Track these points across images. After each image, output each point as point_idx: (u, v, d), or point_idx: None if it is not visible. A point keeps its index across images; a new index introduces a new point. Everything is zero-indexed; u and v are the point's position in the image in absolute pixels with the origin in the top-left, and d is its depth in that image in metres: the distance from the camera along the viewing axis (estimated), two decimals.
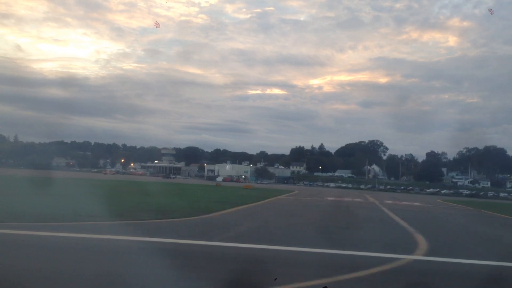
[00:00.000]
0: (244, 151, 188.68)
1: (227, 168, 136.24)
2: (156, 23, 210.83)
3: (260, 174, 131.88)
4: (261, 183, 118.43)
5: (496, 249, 16.59)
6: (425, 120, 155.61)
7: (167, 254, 10.88)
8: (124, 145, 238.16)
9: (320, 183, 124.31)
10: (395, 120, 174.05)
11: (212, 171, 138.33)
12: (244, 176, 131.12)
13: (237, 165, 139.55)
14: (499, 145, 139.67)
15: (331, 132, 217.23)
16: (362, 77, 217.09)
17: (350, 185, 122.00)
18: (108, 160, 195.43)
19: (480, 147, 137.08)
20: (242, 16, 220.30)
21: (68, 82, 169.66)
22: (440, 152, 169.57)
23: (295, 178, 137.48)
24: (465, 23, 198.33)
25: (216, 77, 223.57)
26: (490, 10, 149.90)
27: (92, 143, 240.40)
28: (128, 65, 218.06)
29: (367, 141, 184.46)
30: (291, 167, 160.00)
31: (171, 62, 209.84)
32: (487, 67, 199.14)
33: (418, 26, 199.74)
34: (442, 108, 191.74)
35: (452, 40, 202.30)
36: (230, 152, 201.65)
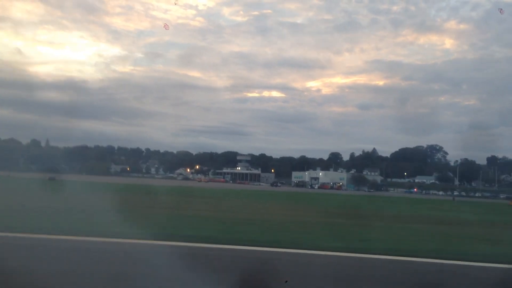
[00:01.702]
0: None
1: (321, 175, 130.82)
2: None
3: (357, 181, 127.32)
4: (369, 191, 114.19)
5: None
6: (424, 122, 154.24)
7: None
8: (147, 149, 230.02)
9: (435, 192, 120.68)
10: (396, 122, 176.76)
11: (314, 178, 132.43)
12: (341, 183, 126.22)
13: (330, 172, 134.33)
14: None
15: (329, 135, 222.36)
16: (360, 79, 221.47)
17: (463, 193, 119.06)
18: (156, 166, 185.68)
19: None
20: (239, 19, 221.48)
21: (64, 85, 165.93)
22: (501, 156, 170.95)
23: (386, 185, 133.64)
24: (462, 26, 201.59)
25: (214, 80, 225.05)
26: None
27: (116, 147, 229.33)
28: (125, 68, 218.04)
29: (425, 146, 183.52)
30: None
31: (168, 65, 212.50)
32: (485, 70, 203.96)
33: (415, 29, 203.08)
34: (440, 110, 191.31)
35: (448, 43, 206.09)
36: (273, 158, 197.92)
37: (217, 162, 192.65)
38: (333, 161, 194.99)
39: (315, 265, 11.13)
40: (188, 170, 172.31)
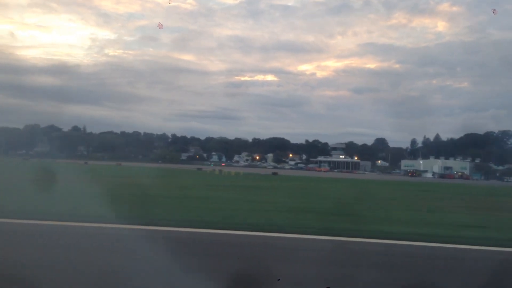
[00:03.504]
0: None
1: (440, 164, 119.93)
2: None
3: (479, 170, 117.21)
4: (506, 181, 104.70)
5: None
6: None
7: None
8: (173, 135, 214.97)
9: None
10: (389, 106, 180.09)
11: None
12: (464, 172, 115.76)
13: (449, 161, 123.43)
14: None
15: (322, 119, 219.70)
16: (353, 63, 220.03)
17: None
18: (213, 153, 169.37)
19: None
20: (231, 2, 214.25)
21: (54, 69, 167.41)
22: None
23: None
24: (455, 8, 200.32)
25: (206, 64, 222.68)
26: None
27: (142, 133, 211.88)
28: (115, 52, 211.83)
29: (496, 131, 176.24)
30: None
31: (160, 48, 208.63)
32: (477, 53, 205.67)
33: (408, 12, 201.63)
34: (430, 93, 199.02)
35: (441, 25, 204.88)
36: (325, 144, 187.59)
37: (263, 149, 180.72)
38: (377, 148, 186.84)
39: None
40: (257, 157, 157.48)
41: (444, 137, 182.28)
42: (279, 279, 7.92)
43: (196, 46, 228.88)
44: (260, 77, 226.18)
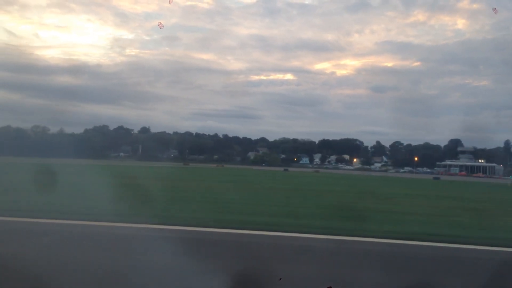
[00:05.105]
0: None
1: None
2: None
3: None
4: None
5: None
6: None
7: None
8: (225, 136, 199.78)
9: None
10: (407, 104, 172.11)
11: None
12: None
13: None
14: None
15: (340, 118, 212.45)
16: (371, 61, 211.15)
17: None
18: (299, 155, 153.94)
19: None
20: (248, 0, 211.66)
21: (72, 69, 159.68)
22: None
23: None
24: (475, 6, 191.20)
25: (225, 63, 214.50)
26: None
27: (194, 134, 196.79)
28: (132, 51, 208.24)
29: None
30: None
31: (176, 47, 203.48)
32: (500, 51, 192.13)
33: (427, 9, 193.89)
34: (450, 91, 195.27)
35: (460, 23, 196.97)
36: (408, 145, 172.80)
37: (335, 151, 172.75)
38: (452, 149, 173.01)
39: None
40: (356, 160, 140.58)
41: None
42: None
43: (215, 45, 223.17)
44: (279, 76, 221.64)
